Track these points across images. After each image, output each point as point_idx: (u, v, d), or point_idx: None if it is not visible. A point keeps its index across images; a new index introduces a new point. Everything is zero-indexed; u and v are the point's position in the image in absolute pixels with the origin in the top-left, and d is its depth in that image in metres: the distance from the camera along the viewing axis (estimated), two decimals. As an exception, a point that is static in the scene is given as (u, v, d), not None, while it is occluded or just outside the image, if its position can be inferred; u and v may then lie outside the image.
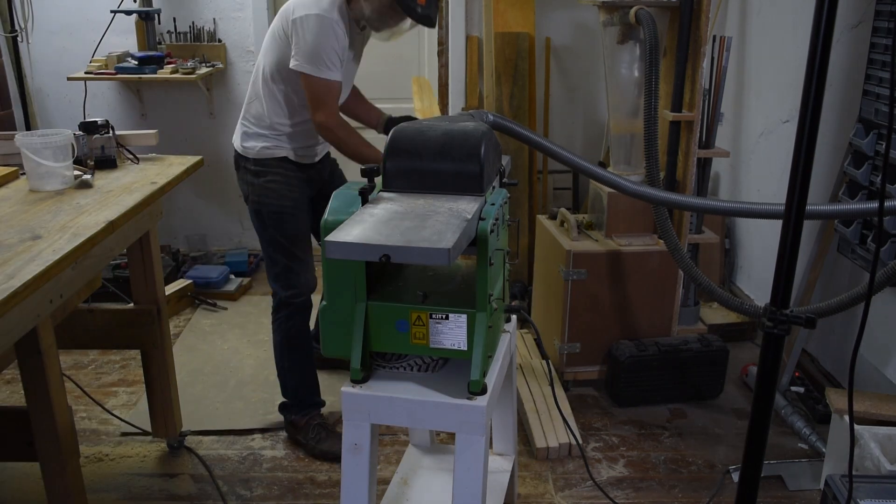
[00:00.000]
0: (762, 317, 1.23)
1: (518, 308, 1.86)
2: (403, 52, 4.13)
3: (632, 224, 2.89)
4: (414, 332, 1.55)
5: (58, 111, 4.08)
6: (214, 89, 4.07)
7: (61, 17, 3.93)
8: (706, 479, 2.44)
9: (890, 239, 2.36)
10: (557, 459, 2.53)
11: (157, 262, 2.34)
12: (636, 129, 2.85)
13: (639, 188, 2.41)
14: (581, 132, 4.21)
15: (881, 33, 2.42)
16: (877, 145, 2.45)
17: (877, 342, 2.58)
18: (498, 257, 1.62)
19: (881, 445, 2.03)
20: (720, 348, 2.83)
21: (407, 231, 1.38)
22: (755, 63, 3.43)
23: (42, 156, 2.01)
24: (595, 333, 2.88)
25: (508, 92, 3.78)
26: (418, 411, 1.58)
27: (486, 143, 1.60)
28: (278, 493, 2.35)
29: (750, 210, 2.24)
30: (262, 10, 3.93)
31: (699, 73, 2.74)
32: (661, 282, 2.88)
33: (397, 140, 1.63)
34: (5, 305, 1.39)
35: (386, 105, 4.30)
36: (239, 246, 4.32)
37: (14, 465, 2.43)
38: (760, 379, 1.27)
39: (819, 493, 2.26)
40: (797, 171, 1.18)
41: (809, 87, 1.14)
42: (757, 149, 3.42)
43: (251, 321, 3.55)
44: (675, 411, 2.82)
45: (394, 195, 1.60)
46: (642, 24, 2.57)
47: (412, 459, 2.18)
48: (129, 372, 3.08)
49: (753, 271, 3.51)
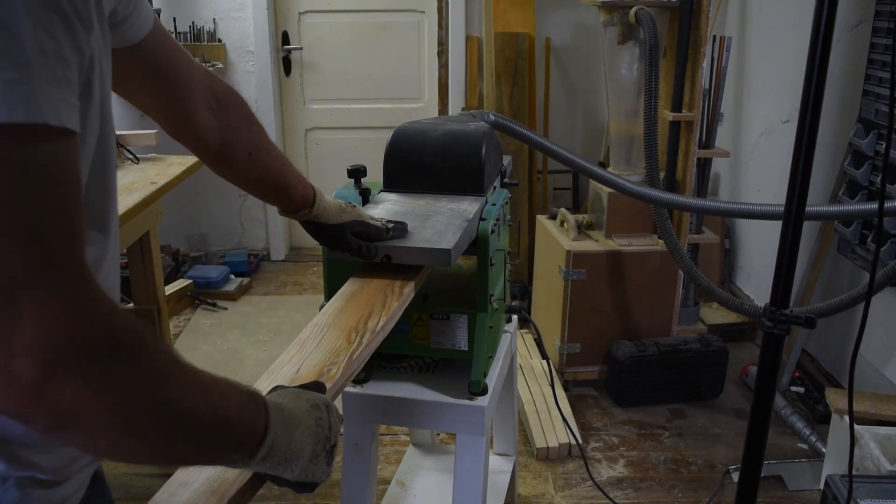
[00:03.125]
0: (762, 317, 1.23)
1: (518, 308, 1.86)
2: (404, 53, 4.13)
3: (632, 224, 2.89)
4: (414, 333, 1.55)
5: (58, 111, 4.08)
6: (214, 89, 4.07)
7: (61, 17, 3.93)
8: (706, 479, 2.44)
9: (890, 239, 2.36)
10: (557, 459, 2.53)
11: (157, 262, 2.35)
12: (636, 129, 2.85)
13: (639, 188, 2.41)
14: (581, 132, 4.21)
15: (881, 33, 2.42)
16: (877, 145, 2.45)
17: (877, 342, 2.58)
18: (499, 257, 1.62)
19: (881, 445, 2.03)
20: (720, 348, 2.83)
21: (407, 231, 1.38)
22: (755, 63, 3.43)
23: (42, 156, 2.00)
24: (595, 333, 2.88)
25: (508, 92, 3.78)
26: (418, 411, 1.58)
27: (487, 143, 1.60)
28: (278, 492, 2.35)
29: (750, 211, 2.24)
30: (262, 10, 3.93)
31: (699, 74, 2.74)
32: (661, 282, 2.88)
33: (398, 140, 1.63)
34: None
35: (386, 105, 4.34)
36: (239, 246, 4.32)
37: (14, 465, 2.42)
38: (760, 379, 1.27)
39: (819, 493, 2.26)
40: (797, 172, 1.18)
41: (809, 87, 1.14)
42: (757, 149, 3.42)
43: (251, 321, 3.55)
44: (675, 411, 2.82)
45: (394, 195, 1.60)
46: (642, 25, 2.57)
47: (412, 459, 2.18)
48: (129, 372, 3.07)
49: (753, 271, 3.51)
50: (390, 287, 1.27)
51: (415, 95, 4.21)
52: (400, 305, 1.22)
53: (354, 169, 1.59)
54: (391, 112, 4.18)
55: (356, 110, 4.23)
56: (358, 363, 1.04)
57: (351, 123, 4.25)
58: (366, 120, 4.23)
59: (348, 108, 4.23)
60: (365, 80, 4.19)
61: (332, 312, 1.18)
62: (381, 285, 1.28)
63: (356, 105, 4.23)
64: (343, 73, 4.17)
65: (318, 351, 1.06)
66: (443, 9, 4.01)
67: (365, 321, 1.15)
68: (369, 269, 1.34)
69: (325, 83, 4.19)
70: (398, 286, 1.28)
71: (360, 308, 1.19)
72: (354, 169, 1.59)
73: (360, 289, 1.27)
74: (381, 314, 1.17)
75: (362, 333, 1.11)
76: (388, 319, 1.16)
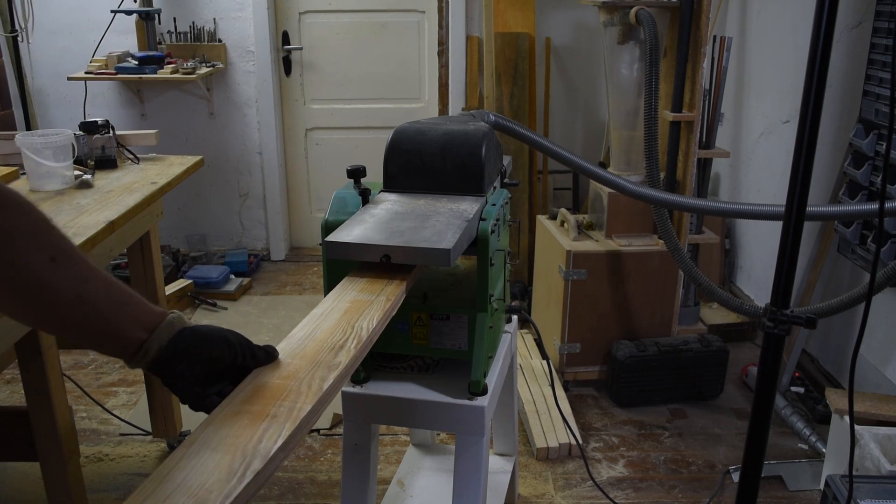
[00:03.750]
0: (762, 317, 1.23)
1: (518, 308, 1.86)
2: (404, 53, 4.13)
3: (632, 224, 2.89)
4: (415, 333, 1.55)
5: (58, 111, 4.08)
6: (214, 89, 4.07)
7: (61, 17, 3.93)
8: (706, 479, 2.44)
9: (890, 239, 2.36)
10: (557, 459, 2.53)
11: (157, 262, 2.34)
12: (636, 129, 2.85)
13: (639, 188, 2.41)
14: (581, 132, 4.21)
15: (881, 33, 2.42)
16: (877, 145, 2.45)
17: (877, 342, 2.58)
18: (499, 258, 1.62)
19: (881, 445, 2.03)
20: (720, 348, 2.83)
21: (407, 231, 1.38)
22: (755, 63, 3.43)
23: (42, 156, 2.01)
24: (595, 333, 2.88)
25: (508, 92, 3.78)
26: (418, 411, 1.58)
27: (487, 143, 1.60)
28: (278, 492, 2.35)
29: (750, 211, 2.24)
30: (262, 10, 3.93)
31: (699, 74, 2.74)
32: (661, 282, 2.88)
33: (398, 140, 1.63)
34: (6, 305, 1.39)
35: (386, 105, 4.34)
36: (239, 246, 4.32)
37: (14, 465, 2.43)
38: (760, 379, 1.27)
39: (819, 493, 2.26)
40: (797, 172, 1.18)
41: (809, 88, 1.14)
42: (757, 149, 3.42)
43: (251, 321, 3.55)
44: (675, 411, 2.82)
45: (394, 195, 1.60)
46: (642, 25, 2.57)
47: (412, 459, 2.18)
48: (129, 372, 3.07)
49: (753, 271, 3.51)
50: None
51: (415, 95, 4.21)
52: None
53: (354, 169, 1.59)
54: (391, 112, 4.19)
55: (356, 110, 4.24)
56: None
57: (351, 123, 4.25)
58: (366, 120, 4.23)
59: (348, 108, 4.23)
60: (365, 80, 4.19)
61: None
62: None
63: (356, 105, 4.23)
64: (343, 73, 4.17)
65: None
66: (443, 9, 4.01)
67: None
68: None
69: (325, 83, 4.19)
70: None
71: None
72: (354, 169, 1.59)
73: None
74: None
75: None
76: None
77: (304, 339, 1.05)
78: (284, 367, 0.98)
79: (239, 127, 4.14)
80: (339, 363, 0.98)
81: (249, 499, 0.75)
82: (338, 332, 1.08)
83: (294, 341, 1.05)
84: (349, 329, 1.08)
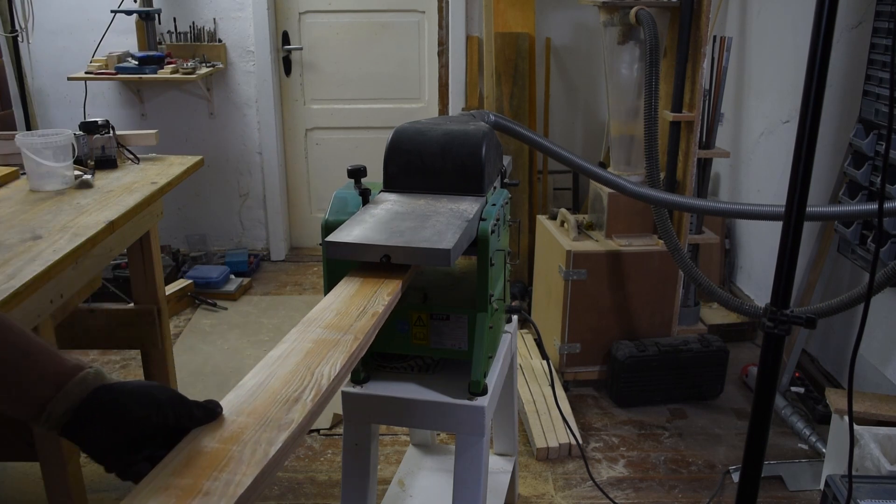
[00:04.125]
0: (762, 317, 1.23)
1: (518, 308, 1.86)
2: (404, 53, 4.13)
3: (632, 224, 2.89)
4: (414, 333, 1.55)
5: (58, 111, 4.08)
6: (214, 89, 4.07)
7: (61, 17, 3.93)
8: (706, 479, 2.44)
9: (890, 239, 2.36)
10: (557, 459, 2.53)
11: (157, 262, 2.34)
12: (636, 129, 2.85)
13: (639, 188, 2.41)
14: (581, 132, 4.21)
15: (881, 33, 2.42)
16: (877, 145, 2.45)
17: (877, 342, 2.58)
18: (499, 258, 1.62)
19: (881, 445, 2.03)
20: (720, 348, 2.83)
21: (407, 231, 1.38)
22: (755, 63, 3.43)
23: (42, 156, 2.01)
24: (595, 333, 2.88)
25: (508, 92, 3.78)
26: (418, 411, 1.58)
27: (487, 143, 1.60)
28: (278, 492, 2.35)
29: (750, 211, 2.24)
30: (262, 9, 3.93)
31: (699, 74, 2.74)
32: (661, 282, 2.88)
33: (398, 140, 1.63)
34: (6, 305, 1.39)
35: (386, 105, 4.34)
36: (239, 246, 4.32)
37: (14, 465, 2.42)
38: (760, 379, 1.27)
39: (819, 493, 2.26)
40: (797, 172, 1.18)
41: (809, 88, 1.14)
42: (757, 149, 3.42)
43: (251, 321, 3.55)
44: (675, 411, 2.82)
45: (394, 195, 1.60)
46: (642, 25, 2.57)
47: (412, 459, 2.18)
48: (129, 372, 3.07)
49: (753, 271, 3.51)
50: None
51: (415, 95, 4.21)
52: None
53: (354, 169, 1.59)
54: (391, 112, 4.19)
55: (356, 110, 4.24)
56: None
57: (351, 123, 4.25)
58: (366, 120, 4.23)
59: (348, 108, 4.23)
60: (365, 80, 4.19)
61: None
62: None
63: (356, 105, 4.23)
64: (343, 73, 4.17)
65: None
66: (443, 9, 4.01)
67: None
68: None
69: (325, 83, 4.19)
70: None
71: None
72: (354, 169, 1.59)
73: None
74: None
75: None
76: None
77: (254, 390, 0.91)
78: (227, 427, 0.83)
79: (239, 127, 4.14)
80: (290, 421, 0.84)
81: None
82: (295, 380, 0.94)
83: (243, 392, 0.90)
84: (308, 376, 0.94)
